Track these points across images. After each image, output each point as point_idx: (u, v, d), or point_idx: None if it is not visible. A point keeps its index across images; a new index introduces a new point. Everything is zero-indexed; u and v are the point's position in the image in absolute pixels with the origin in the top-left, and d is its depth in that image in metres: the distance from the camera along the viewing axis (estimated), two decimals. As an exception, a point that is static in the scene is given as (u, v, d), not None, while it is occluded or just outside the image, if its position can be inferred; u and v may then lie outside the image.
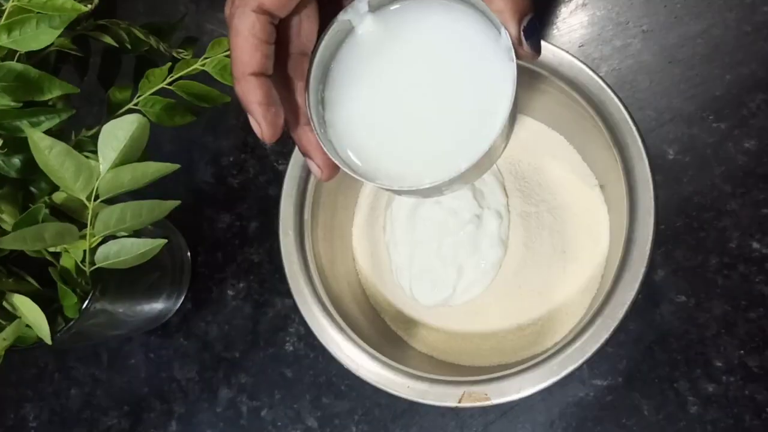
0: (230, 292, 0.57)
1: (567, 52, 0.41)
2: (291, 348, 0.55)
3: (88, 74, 0.48)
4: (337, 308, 0.43)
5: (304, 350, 0.55)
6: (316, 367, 0.54)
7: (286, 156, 0.58)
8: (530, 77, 0.43)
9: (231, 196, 0.58)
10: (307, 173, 0.45)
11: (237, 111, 0.59)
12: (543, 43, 0.41)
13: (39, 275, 0.45)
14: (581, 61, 0.41)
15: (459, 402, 0.40)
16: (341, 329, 0.42)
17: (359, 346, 0.42)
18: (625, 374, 0.49)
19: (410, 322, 0.48)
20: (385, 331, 0.49)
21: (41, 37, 0.38)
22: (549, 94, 0.44)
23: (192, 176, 0.59)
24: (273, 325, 0.56)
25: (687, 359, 0.48)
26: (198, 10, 0.62)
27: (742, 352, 0.47)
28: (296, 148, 0.44)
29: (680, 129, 0.50)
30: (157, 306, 0.56)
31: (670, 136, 0.50)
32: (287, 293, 0.56)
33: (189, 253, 0.58)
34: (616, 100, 0.40)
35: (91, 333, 0.51)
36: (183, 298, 0.58)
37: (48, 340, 0.42)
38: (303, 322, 0.55)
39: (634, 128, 0.40)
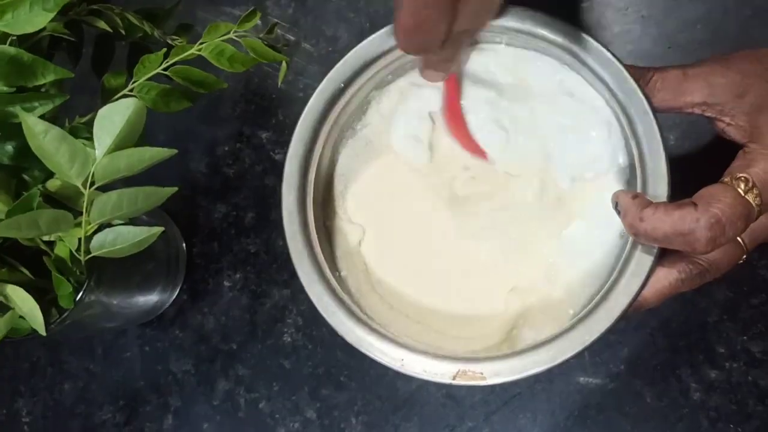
0: (227, 283, 0.56)
1: (592, 37, 0.40)
2: (289, 339, 0.54)
3: (79, 65, 0.47)
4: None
5: (302, 341, 0.54)
6: (315, 358, 0.54)
7: (283, 145, 0.58)
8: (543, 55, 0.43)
9: (226, 186, 0.58)
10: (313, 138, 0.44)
11: (232, 100, 0.59)
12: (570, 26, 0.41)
13: (32, 266, 0.44)
14: (609, 51, 0.40)
15: (453, 379, 0.39)
16: (330, 288, 0.41)
17: (350, 311, 0.41)
18: (627, 361, 0.48)
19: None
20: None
21: (35, 19, 0.38)
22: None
23: (186, 166, 0.58)
24: (270, 316, 0.55)
25: (689, 345, 0.48)
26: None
27: (744, 337, 0.47)
28: (293, 137, 0.43)
29: (680, 115, 0.50)
30: (153, 298, 0.55)
31: (670, 122, 0.50)
32: (285, 283, 0.56)
33: (184, 244, 0.57)
34: (639, 92, 0.40)
35: (85, 324, 0.50)
36: (178, 289, 0.57)
37: (42, 331, 0.41)
38: (301, 313, 0.55)
39: (654, 122, 0.39)
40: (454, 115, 0.43)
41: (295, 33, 0.59)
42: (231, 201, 0.57)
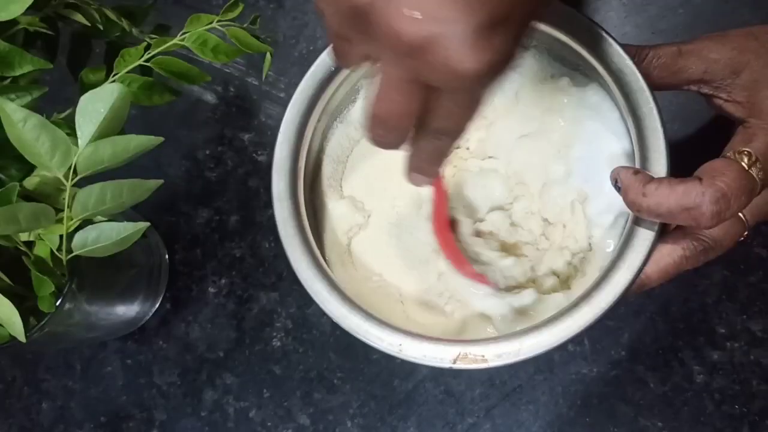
0: (211, 290, 0.54)
1: (593, 21, 0.40)
2: (278, 344, 0.53)
3: (53, 72, 0.45)
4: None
5: (292, 345, 0.52)
6: (306, 361, 0.52)
7: (265, 146, 0.56)
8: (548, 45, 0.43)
9: (208, 191, 0.56)
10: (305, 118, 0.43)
11: (211, 103, 0.57)
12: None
13: (8, 274, 0.42)
14: (605, 31, 0.40)
15: (454, 363, 0.37)
16: (324, 275, 0.40)
17: (345, 297, 0.39)
18: (628, 347, 0.47)
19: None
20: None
21: (11, 6, 0.36)
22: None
23: (166, 171, 0.57)
24: (258, 321, 0.53)
25: (689, 328, 0.47)
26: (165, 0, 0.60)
27: (744, 316, 0.47)
28: (283, 122, 0.42)
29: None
30: (134, 308, 0.53)
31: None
32: (272, 286, 0.54)
33: (166, 252, 0.55)
34: (636, 70, 0.40)
35: (64, 336, 0.48)
36: (161, 299, 0.55)
37: (21, 338, 0.39)
38: (290, 316, 0.53)
39: (651, 98, 0.39)
40: (442, 227, 0.42)
41: (275, 33, 0.58)
42: (213, 205, 0.56)
